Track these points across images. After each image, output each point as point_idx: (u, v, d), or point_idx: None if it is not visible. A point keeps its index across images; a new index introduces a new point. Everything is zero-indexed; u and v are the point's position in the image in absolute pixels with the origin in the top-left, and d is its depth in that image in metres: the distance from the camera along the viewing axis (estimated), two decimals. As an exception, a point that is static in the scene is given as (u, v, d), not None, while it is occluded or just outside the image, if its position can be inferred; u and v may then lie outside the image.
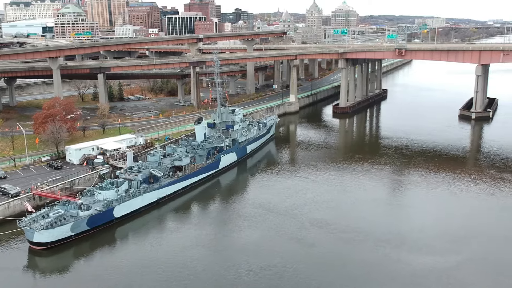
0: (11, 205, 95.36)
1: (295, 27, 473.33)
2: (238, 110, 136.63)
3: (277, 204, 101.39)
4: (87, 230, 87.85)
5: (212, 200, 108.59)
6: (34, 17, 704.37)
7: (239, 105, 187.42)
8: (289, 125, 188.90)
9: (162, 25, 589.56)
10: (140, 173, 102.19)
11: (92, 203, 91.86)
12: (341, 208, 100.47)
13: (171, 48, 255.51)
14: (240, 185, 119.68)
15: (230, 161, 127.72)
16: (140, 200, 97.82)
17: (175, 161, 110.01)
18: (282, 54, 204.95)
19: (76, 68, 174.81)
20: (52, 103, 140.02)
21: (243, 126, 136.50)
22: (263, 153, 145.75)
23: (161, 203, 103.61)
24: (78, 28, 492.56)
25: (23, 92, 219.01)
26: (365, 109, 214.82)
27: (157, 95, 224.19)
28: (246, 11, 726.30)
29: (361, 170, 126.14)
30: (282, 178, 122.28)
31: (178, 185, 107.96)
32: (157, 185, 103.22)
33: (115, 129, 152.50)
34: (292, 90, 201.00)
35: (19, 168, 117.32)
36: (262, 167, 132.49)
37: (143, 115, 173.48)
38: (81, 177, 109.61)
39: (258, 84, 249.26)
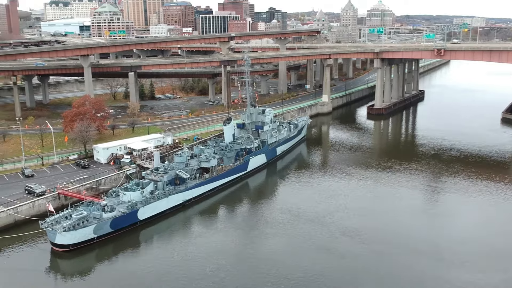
0: (36, 204, 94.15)
1: (330, 26, 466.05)
2: (268, 111, 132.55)
3: (306, 210, 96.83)
4: (110, 233, 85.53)
5: (239, 204, 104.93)
6: (72, 16, 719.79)
7: (270, 105, 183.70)
8: (321, 126, 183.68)
9: (196, 25, 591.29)
10: (166, 174, 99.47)
11: (116, 205, 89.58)
12: (374, 217, 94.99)
13: (203, 47, 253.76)
14: (269, 189, 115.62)
15: (259, 163, 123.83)
16: (165, 202, 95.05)
17: (202, 162, 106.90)
18: (315, 53, 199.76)
19: (107, 66, 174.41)
20: (81, 101, 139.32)
21: (273, 127, 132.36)
22: (294, 155, 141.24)
23: (187, 206, 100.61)
24: (114, 27, 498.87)
25: (56, 90, 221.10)
26: (401, 111, 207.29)
27: (188, 94, 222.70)
28: (280, 10, 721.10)
29: (396, 175, 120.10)
30: (312, 182, 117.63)
31: (204, 187, 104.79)
32: (183, 187, 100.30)
33: (144, 128, 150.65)
34: (325, 90, 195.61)
35: (47, 166, 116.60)
36: (292, 170, 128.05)
37: (172, 114, 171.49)
38: (108, 177, 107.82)
39: (290, 84, 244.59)
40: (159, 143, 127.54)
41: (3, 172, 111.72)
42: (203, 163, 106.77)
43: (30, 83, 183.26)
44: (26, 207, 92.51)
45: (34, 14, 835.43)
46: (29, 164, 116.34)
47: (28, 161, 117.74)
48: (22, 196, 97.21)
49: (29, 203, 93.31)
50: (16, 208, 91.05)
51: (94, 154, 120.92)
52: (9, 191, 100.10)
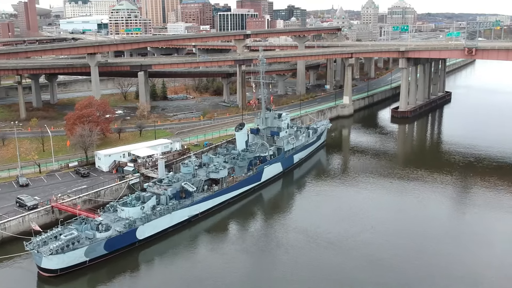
0: (26, 219, 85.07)
1: (350, 24, 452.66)
2: (285, 115, 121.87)
3: (326, 230, 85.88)
4: (105, 255, 75.95)
5: (250, 220, 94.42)
6: (90, 13, 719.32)
7: (287, 107, 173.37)
8: (342, 130, 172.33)
9: (214, 22, 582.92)
10: (170, 187, 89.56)
11: (113, 222, 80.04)
12: (404, 239, 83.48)
13: (219, 45, 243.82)
14: (284, 202, 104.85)
15: (275, 172, 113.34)
16: (168, 219, 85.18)
17: (211, 173, 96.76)
18: (336, 52, 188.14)
19: (116, 65, 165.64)
20: (85, 103, 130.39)
21: (290, 133, 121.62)
22: (312, 162, 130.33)
23: (193, 222, 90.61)
24: (131, 24, 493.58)
25: (66, 89, 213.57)
26: (427, 114, 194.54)
27: (201, 94, 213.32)
28: (299, 8, 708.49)
29: (424, 187, 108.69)
30: (332, 193, 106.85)
31: (213, 201, 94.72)
32: (189, 200, 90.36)
33: (153, 131, 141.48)
34: (346, 91, 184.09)
35: (44, 174, 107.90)
36: (310, 180, 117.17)
37: (184, 116, 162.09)
38: (108, 188, 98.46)
39: (309, 84, 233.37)
40: (166, 149, 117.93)
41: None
42: (212, 174, 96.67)
43: (37, 82, 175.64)
44: (15, 222, 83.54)
45: (54, 11, 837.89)
46: (25, 172, 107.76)
47: (25, 168, 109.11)
48: (12, 209, 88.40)
49: (18, 218, 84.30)
50: (3, 224, 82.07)
51: (96, 161, 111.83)
52: (0, 203, 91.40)
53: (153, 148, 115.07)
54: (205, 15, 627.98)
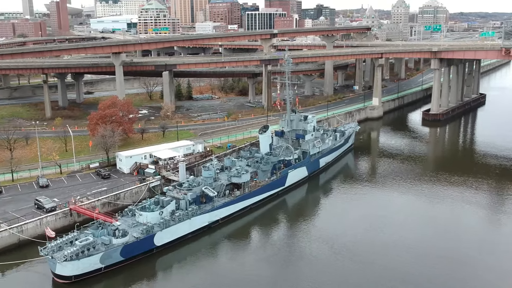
0: (44, 222, 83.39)
1: (380, 24, 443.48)
2: (311, 117, 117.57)
3: (352, 241, 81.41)
4: (121, 261, 73.37)
5: (272, 227, 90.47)
6: (120, 13, 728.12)
7: (314, 108, 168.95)
8: (370, 132, 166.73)
9: (242, 22, 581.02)
10: (190, 191, 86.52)
11: (130, 227, 77.49)
12: (436, 253, 78.23)
13: (245, 45, 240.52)
14: (309, 209, 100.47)
15: (299, 177, 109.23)
16: (187, 225, 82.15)
17: (232, 177, 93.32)
18: (365, 52, 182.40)
19: (141, 65, 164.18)
20: (108, 103, 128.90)
21: (316, 136, 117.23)
22: (339, 167, 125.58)
23: (213, 228, 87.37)
24: (160, 24, 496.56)
25: (92, 88, 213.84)
26: (460, 117, 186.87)
27: (227, 95, 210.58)
28: (328, 7, 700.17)
29: (456, 194, 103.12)
30: (360, 200, 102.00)
31: (234, 207, 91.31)
32: (210, 206, 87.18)
33: (175, 132, 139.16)
34: (375, 93, 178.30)
35: (65, 175, 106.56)
36: (336, 185, 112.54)
37: (208, 117, 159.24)
38: (128, 191, 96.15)
39: (337, 85, 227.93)
40: (188, 151, 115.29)
41: (17, 181, 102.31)
42: (233, 178, 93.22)
43: (63, 81, 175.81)
44: (32, 225, 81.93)
45: (85, 11, 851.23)
46: (46, 172, 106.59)
47: (46, 168, 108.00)
48: (31, 211, 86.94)
49: (36, 220, 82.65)
50: (20, 226, 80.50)
51: (117, 163, 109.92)
52: (19, 204, 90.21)
53: (175, 150, 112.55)
54: (233, 14, 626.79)
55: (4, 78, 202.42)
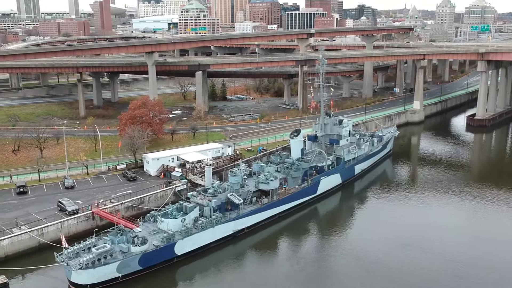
0: (65, 225, 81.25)
1: (423, 24, 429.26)
2: (346, 121, 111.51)
3: (386, 258, 75.34)
4: (139, 271, 70.03)
5: (301, 239, 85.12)
6: (162, 13, 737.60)
7: (351, 111, 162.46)
8: (411, 138, 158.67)
9: (282, 22, 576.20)
10: (215, 198, 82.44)
11: (150, 234, 74.15)
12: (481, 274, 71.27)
13: (282, 45, 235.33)
14: (341, 219, 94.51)
15: (332, 184, 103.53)
16: (211, 234, 78.14)
17: (260, 184, 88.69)
18: (406, 53, 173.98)
19: (174, 64, 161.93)
20: (138, 103, 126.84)
21: (352, 141, 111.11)
22: (376, 174, 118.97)
23: (238, 237, 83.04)
24: (200, 23, 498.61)
25: (128, 88, 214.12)
26: (507, 123, 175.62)
27: (262, 96, 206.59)
28: (369, 7, 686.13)
29: (504, 208, 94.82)
30: (397, 212, 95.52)
31: (261, 215, 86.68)
32: (235, 213, 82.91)
33: (208, 134, 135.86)
34: (417, 96, 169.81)
35: (92, 176, 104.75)
36: (373, 194, 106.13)
37: (241, 118, 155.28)
38: (152, 194, 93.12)
39: (377, 87, 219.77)
40: (217, 154, 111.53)
41: (44, 181, 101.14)
42: (261, 185, 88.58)
43: (98, 81, 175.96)
44: (53, 228, 79.85)
45: (129, 11, 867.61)
46: (73, 173, 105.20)
47: (73, 168, 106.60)
48: (53, 213, 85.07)
49: (57, 223, 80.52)
50: (41, 229, 78.52)
51: (144, 165, 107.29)
52: (43, 206, 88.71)
53: (203, 153, 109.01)
54: (273, 14, 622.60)
55: (43, 76, 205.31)
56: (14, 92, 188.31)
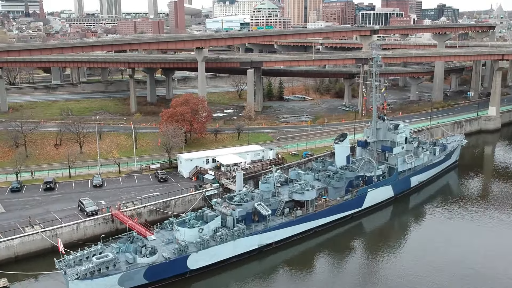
0: (82, 227, 76.08)
1: (510, 25, 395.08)
2: (403, 127, 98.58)
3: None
4: (144, 285, 62.86)
5: (340, 258, 74.26)
6: (236, 13, 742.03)
7: (417, 116, 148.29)
8: (484, 147, 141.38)
9: (356, 21, 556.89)
10: (240, 207, 73.73)
11: (163, 244, 66.87)
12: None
13: (347, 43, 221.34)
14: (391, 238, 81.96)
15: (382, 197, 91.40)
16: (231, 247, 69.55)
17: (294, 193, 78.82)
18: (482, 53, 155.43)
19: (226, 61, 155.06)
20: (181, 100, 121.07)
21: (408, 149, 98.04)
22: (437, 187, 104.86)
23: (265, 252, 73.82)
24: (271, 23, 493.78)
25: (185, 85, 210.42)
26: None
27: (322, 96, 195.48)
28: (450, 7, 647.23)
29: None
30: (463, 232, 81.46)
31: (293, 229, 76.85)
32: (262, 226, 73.73)
33: (254, 135, 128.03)
34: (493, 101, 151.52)
35: (124, 174, 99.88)
36: (431, 210, 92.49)
37: (292, 120, 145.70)
38: (180, 198, 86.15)
39: (449, 90, 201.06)
40: (257, 157, 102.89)
41: (74, 178, 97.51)
42: (295, 194, 78.70)
43: (152, 77, 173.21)
44: (68, 229, 74.88)
45: (204, 11, 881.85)
46: (106, 170, 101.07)
47: (106, 166, 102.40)
48: (73, 213, 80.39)
49: (72, 225, 75.48)
50: (54, 230, 73.75)
51: (178, 165, 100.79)
52: (65, 204, 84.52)
53: (241, 155, 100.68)
54: (347, 14, 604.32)
55: (102, 71, 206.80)
56: (74, 86, 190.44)
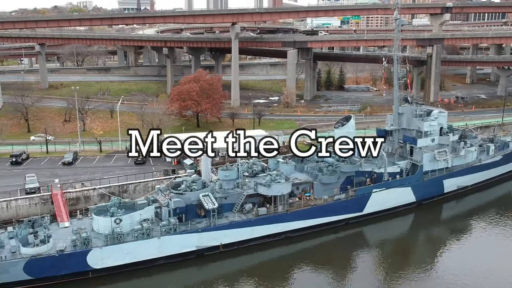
0: (13, 205, 65.84)
1: None
2: (436, 113, 76.03)
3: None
4: (27, 281, 50.18)
5: (310, 278, 55.84)
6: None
7: (494, 111, 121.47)
8: None
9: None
10: (179, 196, 58.39)
11: (71, 234, 53.83)
12: None
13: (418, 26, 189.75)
14: (400, 261, 60.50)
15: (397, 202, 70.17)
16: (155, 246, 54.43)
17: (259, 186, 61.42)
18: None
19: (265, 40, 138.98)
20: (190, 77, 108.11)
21: (442, 143, 75.17)
22: (489, 197, 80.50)
23: (209, 257, 57.57)
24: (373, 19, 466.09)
25: (243, 72, 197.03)
26: None
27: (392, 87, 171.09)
28: None
29: None
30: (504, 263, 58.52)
31: (252, 230, 59.54)
32: (205, 223, 57.66)
33: (280, 121, 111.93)
34: None
35: (104, 154, 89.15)
36: (473, 227, 68.62)
37: (335, 109, 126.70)
38: (141, 183, 72.91)
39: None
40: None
41: (50, 154, 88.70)
42: (261, 187, 61.26)
43: (198, 59, 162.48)
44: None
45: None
46: (88, 148, 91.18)
47: (90, 144, 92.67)
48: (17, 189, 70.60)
49: (2, 202, 65.45)
50: (-21, 206, 64.25)
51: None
52: (17, 179, 74.93)
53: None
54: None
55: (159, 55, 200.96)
56: (126, 69, 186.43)
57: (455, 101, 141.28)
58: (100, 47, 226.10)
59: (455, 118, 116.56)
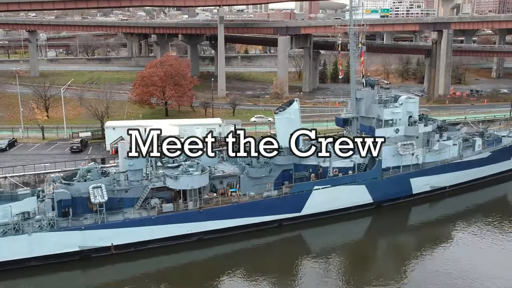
0: None
1: None
2: (403, 99, 64.24)
3: None
4: None
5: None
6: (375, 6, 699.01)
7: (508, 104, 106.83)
8: None
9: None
10: (64, 187, 50.05)
11: None
12: None
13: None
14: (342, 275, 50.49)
15: (347, 203, 59.15)
16: (24, 244, 46.18)
17: (167, 178, 52.04)
18: None
19: (256, 26, 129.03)
20: (154, 62, 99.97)
21: (409, 134, 63.29)
22: (470, 200, 67.97)
23: (96, 260, 48.89)
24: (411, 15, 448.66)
25: (250, 64, 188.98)
26: None
27: (404, 81, 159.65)
28: None
29: None
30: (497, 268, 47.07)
31: (151, 230, 50.26)
32: (91, 220, 48.91)
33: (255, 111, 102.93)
34: None
35: (46, 141, 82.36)
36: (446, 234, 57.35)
37: (323, 100, 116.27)
38: (62, 172, 64.83)
39: None
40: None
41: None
42: (169, 180, 51.84)
43: (194, 48, 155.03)
44: None
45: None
46: (31, 135, 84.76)
47: (34, 131, 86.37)
48: None
49: None
50: None
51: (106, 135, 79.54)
52: None
53: (187, 128, 75.66)
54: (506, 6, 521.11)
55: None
56: (127, 59, 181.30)
57: (469, 95, 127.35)
58: (116, 40, 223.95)
59: (456, 111, 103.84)
